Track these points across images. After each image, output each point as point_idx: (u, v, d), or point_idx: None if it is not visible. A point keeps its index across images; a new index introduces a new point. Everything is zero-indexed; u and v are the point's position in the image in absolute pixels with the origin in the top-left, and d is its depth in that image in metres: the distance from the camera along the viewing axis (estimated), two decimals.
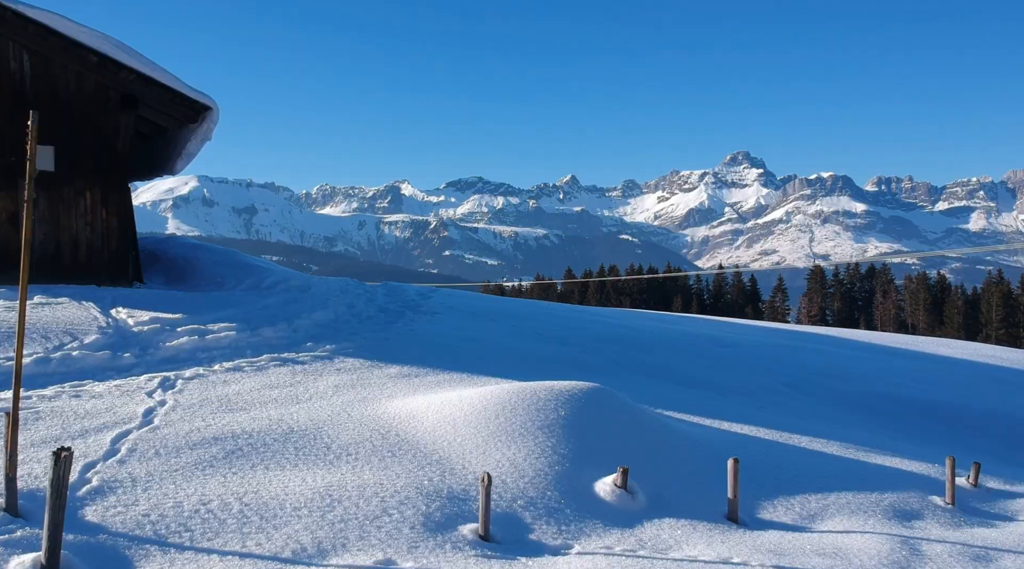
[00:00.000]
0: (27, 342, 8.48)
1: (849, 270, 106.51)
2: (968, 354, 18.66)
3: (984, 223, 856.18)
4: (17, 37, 12.02)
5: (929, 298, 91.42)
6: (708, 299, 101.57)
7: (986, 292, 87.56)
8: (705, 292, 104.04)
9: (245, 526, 5.29)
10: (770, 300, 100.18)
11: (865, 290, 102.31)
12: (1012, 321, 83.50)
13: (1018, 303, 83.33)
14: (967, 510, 7.66)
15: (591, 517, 6.27)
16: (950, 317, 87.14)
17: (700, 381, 11.73)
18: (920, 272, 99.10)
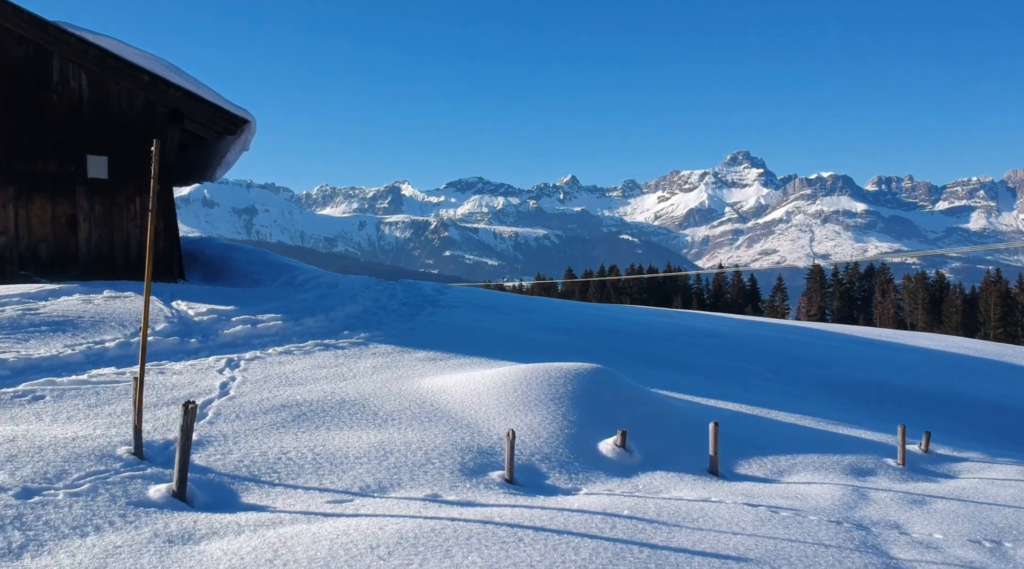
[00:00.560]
0: (108, 329, 9.81)
1: (848, 270, 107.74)
2: (944, 346, 19.99)
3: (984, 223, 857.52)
4: (78, 59, 13.37)
5: (928, 297, 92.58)
6: (708, 299, 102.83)
7: (984, 291, 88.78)
8: (705, 292, 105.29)
9: (319, 470, 6.62)
10: (770, 300, 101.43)
11: (864, 289, 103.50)
12: (1010, 320, 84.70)
13: (1016, 302, 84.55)
14: (915, 470, 9.00)
15: (596, 469, 7.60)
16: (948, 316, 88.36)
17: (692, 366, 13.07)
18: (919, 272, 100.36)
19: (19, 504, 5.23)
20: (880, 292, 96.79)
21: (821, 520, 6.73)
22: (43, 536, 4.87)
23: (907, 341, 20.45)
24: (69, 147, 13.60)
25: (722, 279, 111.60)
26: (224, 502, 5.89)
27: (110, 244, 13.97)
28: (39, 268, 13.41)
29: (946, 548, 6.48)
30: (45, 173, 13.48)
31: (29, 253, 13.40)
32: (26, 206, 13.35)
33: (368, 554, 4.95)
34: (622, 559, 5.30)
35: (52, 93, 13.40)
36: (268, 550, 4.90)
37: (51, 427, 6.78)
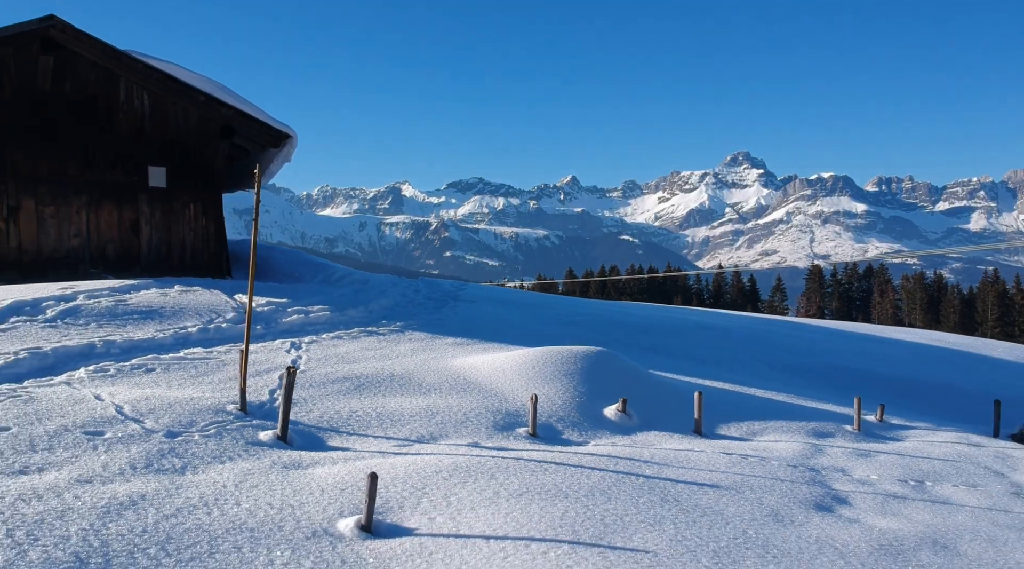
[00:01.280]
0: (187, 317, 11.56)
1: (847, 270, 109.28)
2: (919, 338, 21.75)
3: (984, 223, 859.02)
4: (142, 82, 15.12)
5: (926, 297, 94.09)
6: (708, 299, 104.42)
7: (982, 291, 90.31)
8: (705, 292, 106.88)
9: (382, 424, 8.36)
10: (769, 300, 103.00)
11: (863, 289, 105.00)
12: (1007, 320, 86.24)
13: (1013, 302, 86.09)
14: (868, 434, 10.75)
15: (601, 429, 9.34)
16: (946, 316, 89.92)
17: (684, 353, 14.82)
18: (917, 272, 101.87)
19: (170, 441, 6.98)
20: (879, 292, 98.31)
21: (781, 464, 8.48)
22: (195, 462, 6.62)
23: (886, 334, 22.20)
24: (132, 159, 15.35)
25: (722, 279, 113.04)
26: (315, 444, 7.63)
27: (168, 246, 15.72)
28: (107, 266, 15.16)
29: (878, 484, 8.23)
30: (112, 182, 15.23)
31: (99, 253, 15.15)
32: (96, 212, 15.10)
33: (433, 476, 6.70)
34: (622, 483, 7.05)
35: (119, 112, 15.15)
36: (359, 473, 6.63)
37: (170, 391, 8.53)
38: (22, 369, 8.68)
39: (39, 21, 13.85)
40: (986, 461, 9.77)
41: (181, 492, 5.90)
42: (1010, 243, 12.08)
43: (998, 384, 15.62)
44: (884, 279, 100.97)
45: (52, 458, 6.32)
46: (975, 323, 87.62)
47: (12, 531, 4.91)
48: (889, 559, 6.03)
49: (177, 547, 5.00)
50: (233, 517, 5.56)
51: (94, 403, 7.73)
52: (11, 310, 10.64)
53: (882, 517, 7.12)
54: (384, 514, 5.89)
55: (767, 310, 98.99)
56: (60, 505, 5.39)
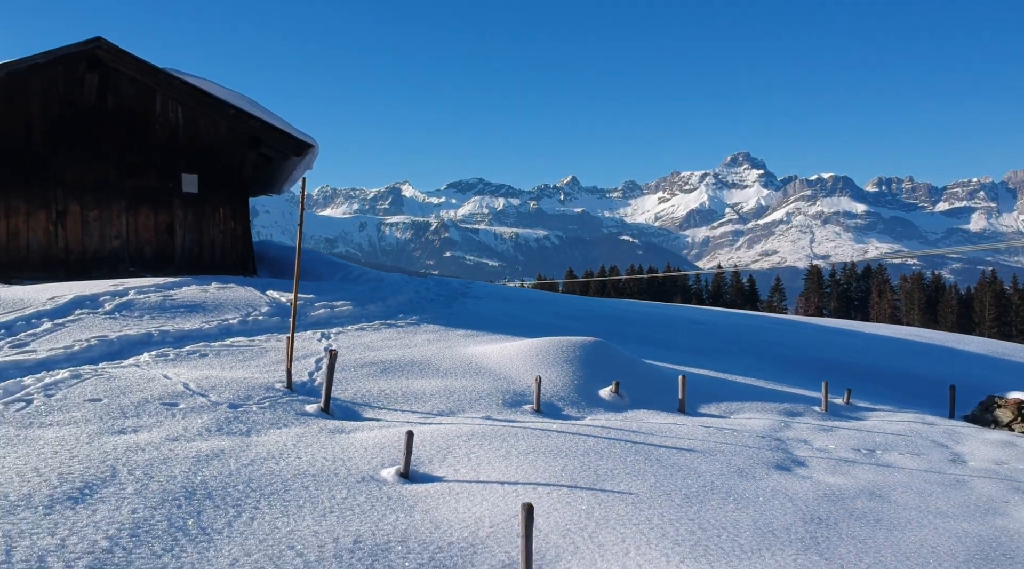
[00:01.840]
0: (227, 311, 12.91)
1: (846, 270, 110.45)
2: (897, 333, 23.09)
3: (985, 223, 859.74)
4: (176, 96, 16.48)
5: (924, 297, 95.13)
6: (707, 299, 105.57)
7: (979, 291, 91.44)
8: (704, 292, 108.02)
9: (407, 401, 9.70)
10: (768, 300, 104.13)
11: (862, 290, 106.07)
12: (1004, 320, 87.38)
13: (1010, 302, 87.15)
14: (834, 414, 12.09)
15: (597, 406, 10.68)
16: (944, 316, 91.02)
17: (673, 344, 16.17)
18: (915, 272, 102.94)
19: (233, 411, 8.32)
20: (877, 292, 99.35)
21: (751, 436, 9.83)
22: (257, 427, 7.96)
23: (865, 330, 23.57)
24: (167, 167, 16.70)
25: (721, 280, 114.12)
26: (352, 416, 8.98)
27: (199, 246, 17.07)
28: (144, 266, 16.50)
29: (834, 452, 9.58)
30: (149, 188, 16.58)
31: (137, 253, 16.50)
32: (135, 216, 16.45)
33: (455, 439, 8.04)
34: (614, 446, 8.41)
35: (155, 123, 16.51)
36: (393, 436, 7.97)
37: (224, 372, 9.87)
38: (95, 353, 10.03)
39: (87, 43, 15.19)
40: (935, 436, 11.11)
41: (251, 448, 7.25)
42: (1009, 243, 13.21)
43: (963, 374, 16.94)
44: (882, 279, 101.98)
45: (141, 423, 7.67)
46: (972, 323, 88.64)
47: (132, 470, 6.27)
48: (829, 504, 7.37)
49: (258, 486, 6.35)
50: (297, 467, 6.91)
51: (164, 381, 9.08)
52: (74, 304, 11.99)
53: (831, 475, 8.47)
54: (417, 466, 7.24)
55: (766, 310, 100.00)
56: (160, 455, 6.74)
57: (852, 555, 6.11)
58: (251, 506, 5.96)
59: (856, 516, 7.10)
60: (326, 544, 5.45)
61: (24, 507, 5.34)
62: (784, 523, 6.67)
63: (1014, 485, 8.81)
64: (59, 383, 8.59)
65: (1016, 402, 12.57)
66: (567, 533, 6.05)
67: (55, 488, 5.73)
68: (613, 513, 6.47)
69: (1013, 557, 6.46)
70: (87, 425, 7.41)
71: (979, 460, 9.99)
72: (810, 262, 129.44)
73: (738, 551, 5.94)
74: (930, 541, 6.61)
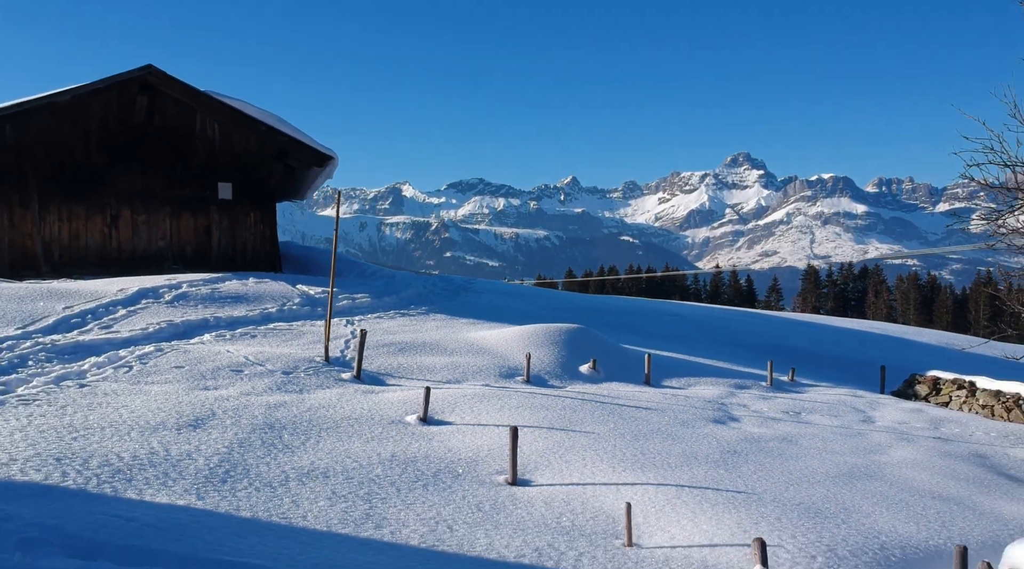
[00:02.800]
0: (266, 301, 15.18)
1: (843, 270, 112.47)
2: (857, 326, 25.37)
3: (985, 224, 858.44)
4: (213, 115, 18.77)
5: (919, 298, 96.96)
6: (705, 299, 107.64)
7: (974, 292, 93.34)
8: (703, 292, 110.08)
9: (421, 372, 11.97)
10: (765, 300, 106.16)
11: (858, 290, 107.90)
12: (999, 320, 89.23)
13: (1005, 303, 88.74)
14: (778, 387, 14.37)
15: (577, 379, 12.94)
16: (939, 316, 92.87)
17: (648, 332, 18.45)
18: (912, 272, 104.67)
19: (286, 376, 10.60)
20: (873, 292, 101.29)
21: (700, 401, 12.11)
22: (306, 388, 10.24)
23: (830, 323, 25.81)
24: (205, 177, 18.99)
25: (719, 280, 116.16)
26: (378, 382, 11.25)
27: (233, 247, 19.36)
28: (185, 263, 18.79)
29: (765, 413, 11.85)
30: (189, 196, 18.87)
31: (179, 253, 18.79)
32: (177, 220, 18.74)
33: (461, 398, 10.32)
34: (586, 405, 10.69)
35: (195, 139, 18.80)
36: (413, 395, 10.25)
37: (272, 348, 12.14)
38: (166, 334, 12.31)
39: (139, 69, 17.47)
40: (857, 405, 13.39)
41: (306, 401, 9.53)
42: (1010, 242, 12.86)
43: (906, 359, 19.17)
44: (879, 279, 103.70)
45: (219, 383, 9.96)
46: (967, 323, 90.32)
47: (225, 412, 8.56)
48: (747, 443, 9.66)
49: (317, 423, 8.64)
50: (342, 413, 9.20)
51: (227, 354, 11.36)
52: (140, 294, 14.28)
53: (756, 428, 10.75)
54: (432, 415, 9.52)
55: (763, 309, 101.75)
56: (241, 403, 9.03)
57: (751, 471, 8.39)
58: (315, 435, 8.25)
59: (764, 451, 9.39)
60: (371, 456, 7.74)
61: (162, 429, 7.64)
62: (706, 452, 8.96)
63: (903, 437, 11.10)
64: (148, 355, 10.87)
65: (933, 378, 14.84)
66: (543, 455, 8.34)
67: (177, 420, 8.03)
68: (578, 444, 8.76)
69: (873, 476, 8.74)
70: (179, 383, 9.70)
71: (886, 421, 12.27)
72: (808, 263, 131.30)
73: (666, 467, 8.23)
74: (814, 466, 8.90)
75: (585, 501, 7.16)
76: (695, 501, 7.10)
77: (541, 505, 6.99)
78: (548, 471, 7.91)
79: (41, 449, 6.48)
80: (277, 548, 5.06)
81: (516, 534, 6.17)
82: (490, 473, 7.75)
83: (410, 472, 7.46)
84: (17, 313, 12.21)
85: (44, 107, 16.99)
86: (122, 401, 8.52)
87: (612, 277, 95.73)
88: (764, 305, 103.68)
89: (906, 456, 9.86)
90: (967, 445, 10.98)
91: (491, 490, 7.27)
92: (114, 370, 9.97)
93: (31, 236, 17.25)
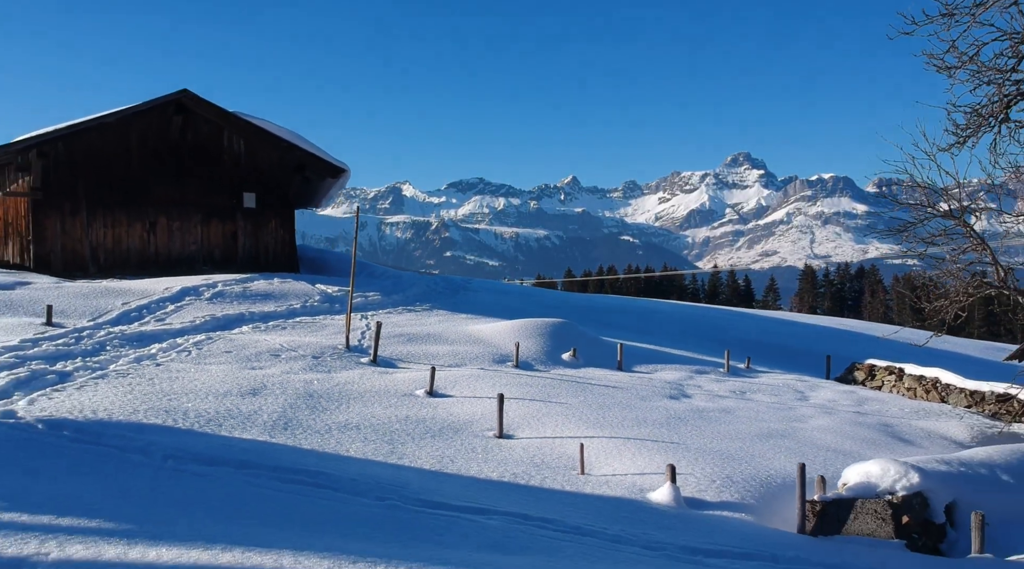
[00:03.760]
0: (291, 298, 17.44)
1: (839, 271, 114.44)
2: (821, 322, 27.63)
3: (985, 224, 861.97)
4: (239, 133, 21.03)
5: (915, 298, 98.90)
6: (704, 299, 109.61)
7: None
8: (701, 292, 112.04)
9: (427, 358, 14.22)
10: (762, 299, 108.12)
11: (855, 290, 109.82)
12: (993, 320, 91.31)
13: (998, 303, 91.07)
14: (733, 373, 16.61)
15: (559, 365, 15.19)
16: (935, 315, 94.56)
17: (630, 327, 20.72)
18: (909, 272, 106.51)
19: (315, 360, 12.86)
20: (870, 292, 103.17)
21: (662, 381, 14.38)
22: (333, 368, 12.50)
23: (798, 319, 28.09)
24: (232, 188, 21.25)
25: (717, 279, 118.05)
26: (391, 366, 13.51)
27: (256, 250, 21.63)
28: (214, 265, 21.04)
29: (715, 392, 14.11)
30: (218, 205, 21.13)
31: (208, 255, 21.05)
32: (207, 226, 21.00)
33: (460, 377, 12.59)
34: (564, 383, 12.96)
35: (223, 154, 21.06)
36: (420, 376, 12.50)
37: (301, 338, 14.40)
38: (211, 325, 14.57)
39: (176, 93, 19.74)
40: (799, 387, 15.65)
41: (334, 379, 11.79)
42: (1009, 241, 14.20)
43: (857, 351, 21.40)
44: (875, 280, 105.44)
45: (262, 364, 12.21)
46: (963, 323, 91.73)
47: (273, 385, 10.83)
48: (691, 413, 11.92)
49: (345, 394, 10.91)
50: (364, 387, 11.47)
51: (266, 342, 13.62)
52: (183, 292, 16.55)
53: (704, 402, 13.02)
54: (437, 390, 11.78)
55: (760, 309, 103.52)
56: (284, 379, 11.29)
57: (687, 432, 10.66)
58: (345, 402, 10.52)
59: (704, 419, 11.66)
60: (391, 417, 10.01)
61: (230, 395, 9.91)
62: (655, 418, 11.23)
63: (827, 411, 13.36)
64: (200, 343, 13.14)
65: (869, 366, 17.10)
66: (524, 418, 10.61)
67: (239, 389, 10.30)
68: (553, 411, 11.03)
69: (786, 436, 10.99)
70: (231, 364, 11.97)
71: (818, 400, 14.54)
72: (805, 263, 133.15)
73: (620, 427, 10.49)
74: (741, 429, 11.17)
75: (553, 448, 9.43)
76: (636, 448, 9.37)
77: (520, 450, 9.26)
78: (527, 429, 10.18)
79: (151, 404, 8.76)
80: (332, 465, 7.33)
81: (500, 465, 8.44)
82: (482, 430, 10.02)
83: (421, 428, 9.73)
84: (86, 308, 14.49)
85: (94, 128, 19.27)
86: (192, 376, 10.79)
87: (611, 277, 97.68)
88: (761, 305, 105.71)
89: (822, 423, 12.13)
90: (880, 417, 13.25)
91: (483, 440, 9.54)
92: (176, 353, 12.23)
93: (80, 241, 19.52)
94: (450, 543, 5.19)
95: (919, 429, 12.59)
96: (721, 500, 7.94)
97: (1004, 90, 11.98)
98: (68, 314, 13.92)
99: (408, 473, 7.54)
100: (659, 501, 7.58)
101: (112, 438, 7.13)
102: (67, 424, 7.42)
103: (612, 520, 6.74)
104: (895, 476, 7.49)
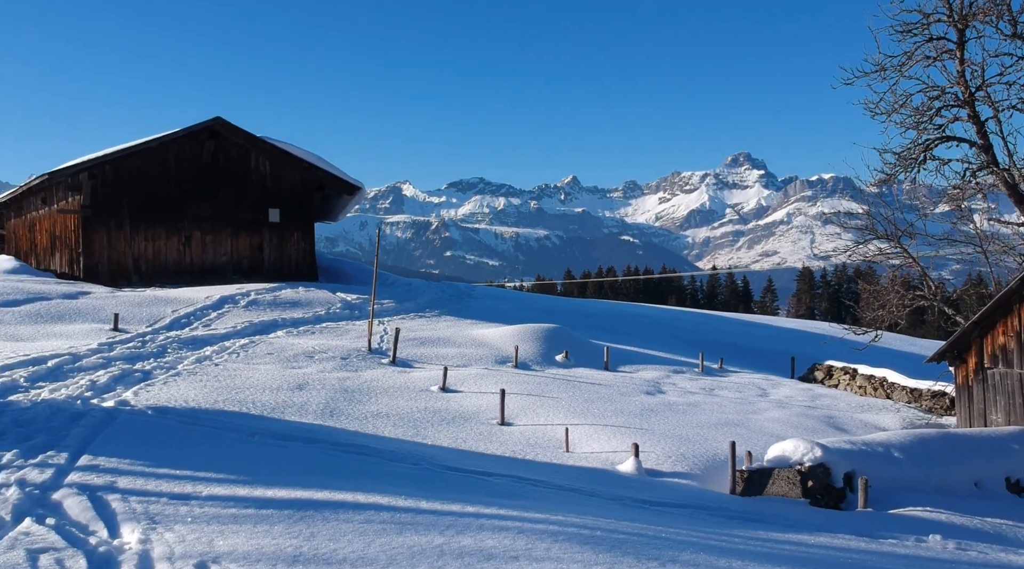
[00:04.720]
0: (316, 306, 19.65)
1: (837, 272, 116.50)
2: (798, 326, 29.89)
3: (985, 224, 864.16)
4: (265, 155, 23.26)
5: None
6: (702, 299, 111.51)
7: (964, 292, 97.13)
8: (700, 293, 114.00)
9: (438, 359, 16.43)
10: (760, 300, 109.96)
11: (852, 291, 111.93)
12: None
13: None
14: (707, 373, 18.81)
15: (553, 365, 17.40)
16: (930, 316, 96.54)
17: (618, 331, 22.96)
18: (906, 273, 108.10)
19: (343, 361, 15.08)
20: None
21: (642, 380, 16.60)
22: (359, 368, 14.72)
23: (773, 323, 30.33)
24: (258, 204, 23.49)
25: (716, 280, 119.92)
26: (408, 366, 15.72)
27: (280, 261, 23.87)
28: (243, 275, 23.27)
29: (688, 389, 16.33)
30: (246, 219, 23.36)
31: (237, 266, 23.28)
32: (236, 239, 23.23)
33: (467, 376, 14.83)
34: (556, 381, 15.21)
35: (251, 174, 23.29)
36: (434, 374, 14.71)
37: (329, 341, 16.61)
38: (251, 331, 16.79)
39: (209, 121, 21.97)
40: (763, 385, 17.84)
41: (361, 377, 14.01)
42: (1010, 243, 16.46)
43: (825, 351, 23.59)
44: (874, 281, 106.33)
45: (300, 364, 14.43)
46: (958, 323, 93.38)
47: (313, 382, 13.05)
48: (662, 406, 14.14)
49: (373, 390, 13.13)
50: (388, 384, 13.69)
51: (300, 345, 15.84)
52: (222, 301, 18.77)
53: (676, 397, 15.23)
54: (448, 386, 14.00)
55: (759, 310, 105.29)
56: (322, 377, 13.51)
57: (656, 421, 12.88)
58: (374, 396, 12.75)
59: (673, 411, 13.88)
60: (412, 407, 12.24)
61: (282, 390, 12.12)
62: (631, 410, 13.45)
63: (781, 405, 15.58)
64: (245, 346, 15.36)
65: (828, 366, 19.31)
66: (522, 409, 12.83)
67: (288, 385, 12.52)
68: (546, 404, 13.25)
69: (740, 425, 13.21)
70: (275, 364, 14.18)
71: (777, 396, 16.75)
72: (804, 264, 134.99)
73: (600, 417, 12.71)
74: (702, 419, 13.38)
75: (545, 433, 11.66)
76: (611, 433, 11.60)
77: (518, 434, 11.49)
78: (524, 418, 12.40)
79: (224, 396, 10.98)
80: (371, 441, 9.54)
81: (502, 445, 10.67)
82: (488, 419, 12.24)
83: (437, 417, 11.96)
84: (143, 315, 16.73)
85: (138, 152, 21.53)
86: (246, 374, 13.01)
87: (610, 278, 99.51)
88: (759, 306, 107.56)
89: (774, 415, 14.35)
90: (827, 411, 15.47)
91: (488, 427, 11.77)
92: (228, 355, 14.45)
93: (124, 252, 21.76)
94: (467, 490, 7.41)
95: (858, 421, 14.81)
96: (674, 470, 10.17)
97: (925, 135, 14.27)
98: (129, 321, 16.14)
99: (431, 449, 9.76)
100: (625, 470, 9.79)
101: (206, 421, 9.35)
102: (169, 411, 9.65)
103: (587, 482, 8.97)
104: (804, 451, 9.70)
